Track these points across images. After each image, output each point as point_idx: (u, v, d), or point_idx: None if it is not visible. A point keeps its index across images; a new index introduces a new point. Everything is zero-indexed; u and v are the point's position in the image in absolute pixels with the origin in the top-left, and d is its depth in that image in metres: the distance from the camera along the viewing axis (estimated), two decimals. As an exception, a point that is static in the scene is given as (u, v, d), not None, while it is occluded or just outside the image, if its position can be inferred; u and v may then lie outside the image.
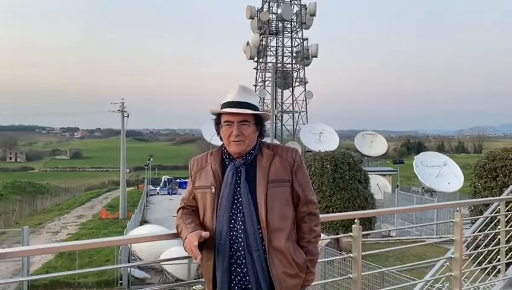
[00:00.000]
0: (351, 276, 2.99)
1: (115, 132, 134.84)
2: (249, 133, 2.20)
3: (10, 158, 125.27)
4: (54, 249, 6.28)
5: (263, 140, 2.34)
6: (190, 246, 2.09)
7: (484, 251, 4.79)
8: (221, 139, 2.31)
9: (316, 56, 37.56)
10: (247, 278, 2.12)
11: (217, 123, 2.29)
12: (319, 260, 2.33)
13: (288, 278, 2.11)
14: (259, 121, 2.27)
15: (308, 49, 37.46)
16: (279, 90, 37.54)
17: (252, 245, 2.11)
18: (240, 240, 2.13)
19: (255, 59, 37.93)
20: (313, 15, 37.55)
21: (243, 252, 2.12)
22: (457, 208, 3.74)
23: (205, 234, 2.12)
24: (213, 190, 2.20)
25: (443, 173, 24.70)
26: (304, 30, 38.05)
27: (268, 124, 2.37)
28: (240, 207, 2.15)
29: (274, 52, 38.22)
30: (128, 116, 33.12)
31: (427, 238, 17.55)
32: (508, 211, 4.82)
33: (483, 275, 4.94)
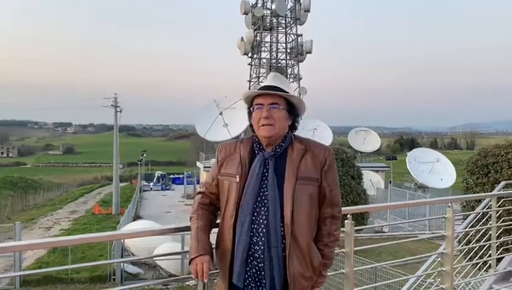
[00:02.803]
0: (343, 271, 3.01)
1: (108, 127, 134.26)
2: (278, 117, 2.14)
3: (2, 153, 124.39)
4: (46, 245, 6.25)
5: (296, 134, 2.28)
6: (200, 267, 2.08)
7: (475, 246, 4.83)
8: (253, 130, 2.25)
9: (310, 52, 37.54)
10: (262, 272, 2.09)
11: (250, 113, 2.24)
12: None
13: (302, 280, 2.09)
14: (292, 108, 2.21)
15: (302, 45, 37.43)
16: (273, 86, 37.50)
17: (272, 241, 2.06)
18: (261, 234, 2.08)
19: (249, 55, 37.82)
20: (307, 11, 37.49)
21: (262, 247, 2.07)
22: (449, 204, 3.77)
23: (211, 265, 2.11)
24: (237, 179, 2.15)
25: (436, 169, 24.93)
26: (298, 26, 38.01)
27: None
28: (265, 201, 2.09)
29: (268, 48, 38.13)
30: (121, 111, 32.88)
31: (420, 233, 17.68)
32: (499, 207, 4.86)
33: (475, 270, 4.99)
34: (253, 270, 2.11)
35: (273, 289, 2.08)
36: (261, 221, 2.09)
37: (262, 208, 2.09)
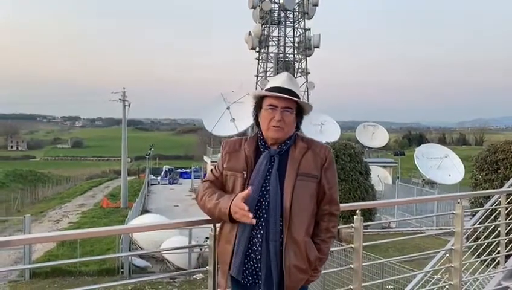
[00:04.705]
0: (352, 266, 3.02)
1: (116, 121, 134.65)
2: (289, 121, 2.21)
3: (11, 147, 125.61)
4: (56, 238, 6.33)
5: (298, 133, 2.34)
6: (240, 209, 2.07)
7: (484, 243, 4.80)
8: (257, 125, 2.31)
9: (318, 47, 37.34)
10: (259, 265, 2.16)
11: (256, 108, 2.29)
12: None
13: (298, 272, 2.15)
14: (299, 112, 2.27)
15: (310, 40, 37.25)
16: (280, 80, 37.38)
17: (271, 235, 2.13)
18: (261, 228, 2.15)
19: (257, 49, 37.70)
20: (316, 5, 37.28)
21: (260, 240, 2.15)
22: (459, 200, 3.75)
23: (248, 190, 2.10)
24: (244, 175, 2.21)
25: (444, 165, 24.77)
26: (306, 20, 37.81)
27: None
28: (267, 196, 2.16)
29: (276, 43, 37.99)
30: (129, 105, 32.97)
31: (427, 230, 17.61)
32: (508, 203, 4.82)
33: (483, 266, 4.96)
34: (251, 262, 2.18)
35: (269, 281, 2.15)
36: (261, 215, 2.16)
37: (264, 203, 2.16)
